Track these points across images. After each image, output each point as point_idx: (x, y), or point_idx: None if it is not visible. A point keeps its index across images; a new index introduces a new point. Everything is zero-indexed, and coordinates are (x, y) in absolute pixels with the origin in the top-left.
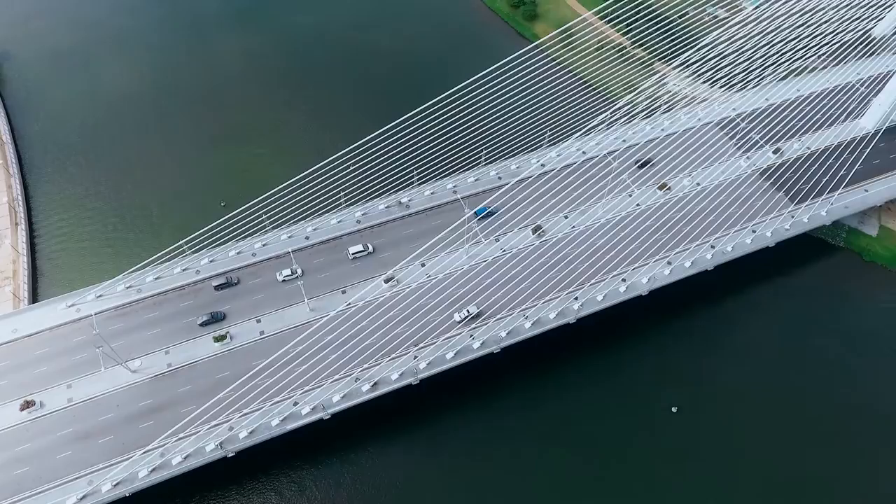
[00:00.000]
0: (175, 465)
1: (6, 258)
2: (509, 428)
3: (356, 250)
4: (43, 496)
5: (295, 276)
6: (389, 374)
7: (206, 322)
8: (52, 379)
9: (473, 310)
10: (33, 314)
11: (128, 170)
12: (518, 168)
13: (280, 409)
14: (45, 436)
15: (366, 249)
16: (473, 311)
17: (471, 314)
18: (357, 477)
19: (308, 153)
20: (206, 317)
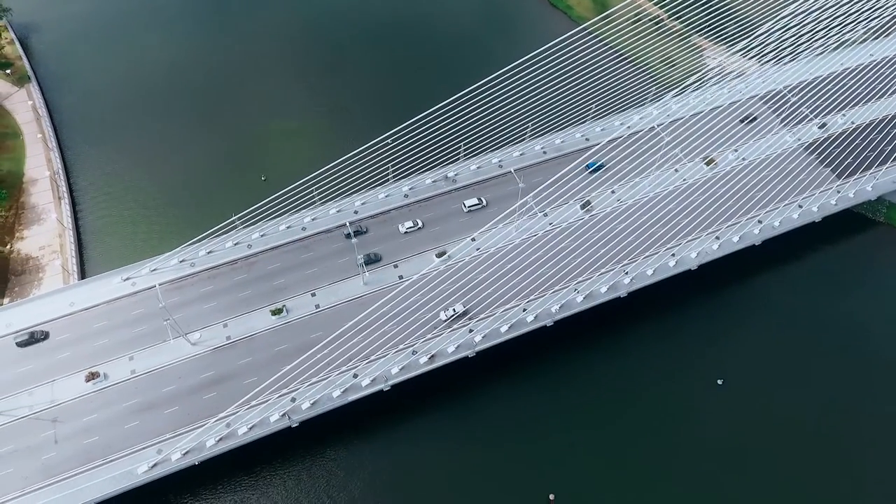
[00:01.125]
0: (241, 435)
1: (52, 232)
2: (558, 400)
3: (408, 226)
4: (113, 465)
5: (417, 227)
6: (446, 347)
7: (365, 262)
8: (113, 351)
9: (460, 308)
10: (89, 288)
11: (165, 144)
12: (562, 143)
13: (341, 380)
14: (111, 406)
15: (416, 225)
16: (460, 309)
17: (457, 313)
18: (412, 448)
19: (353, 128)
20: (364, 257)
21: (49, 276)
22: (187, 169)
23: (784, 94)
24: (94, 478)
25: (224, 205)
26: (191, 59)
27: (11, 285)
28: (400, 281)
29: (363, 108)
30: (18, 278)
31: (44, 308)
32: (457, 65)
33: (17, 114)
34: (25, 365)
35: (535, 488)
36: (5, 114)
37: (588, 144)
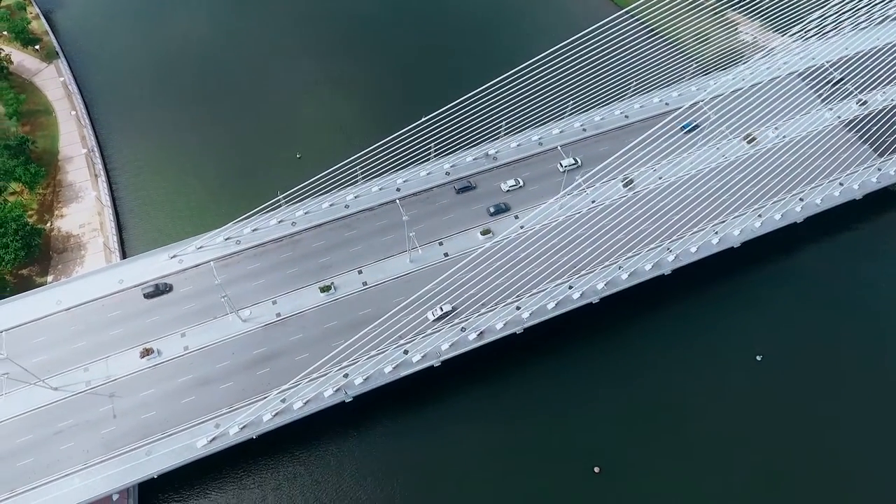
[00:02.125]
0: (296, 410)
1: (91, 210)
2: (602, 376)
3: (510, 185)
4: (172, 438)
5: (518, 186)
6: (495, 324)
7: (495, 212)
8: (165, 328)
9: (447, 307)
10: (137, 265)
11: (197, 121)
12: (602, 120)
13: (393, 356)
14: (167, 382)
15: (517, 184)
16: (447, 308)
17: (444, 312)
18: (459, 422)
19: (393, 107)
20: (494, 208)
21: (91, 253)
22: (221, 147)
23: (824, 70)
24: (155, 451)
25: (260, 182)
26: (220, 33)
27: (54, 262)
28: (445, 258)
29: (404, 85)
30: (61, 256)
31: (93, 285)
32: (497, 45)
33: (47, 90)
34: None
35: (580, 461)
36: (36, 90)
37: (628, 122)
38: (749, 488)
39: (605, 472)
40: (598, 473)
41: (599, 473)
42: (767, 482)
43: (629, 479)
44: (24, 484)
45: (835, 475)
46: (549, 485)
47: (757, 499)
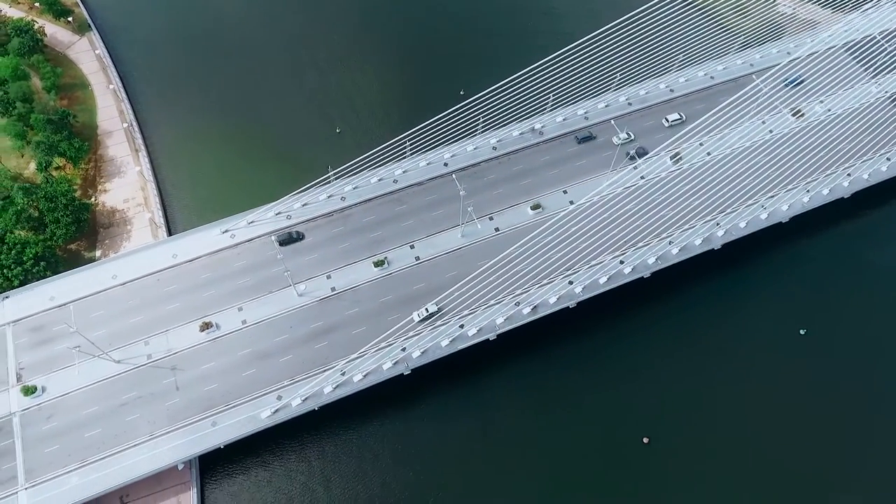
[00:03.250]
0: (356, 382)
1: (134, 185)
2: (650, 347)
3: (673, 119)
4: (236, 410)
5: (681, 120)
6: (548, 298)
7: (634, 155)
8: (222, 302)
9: (433, 308)
10: (189, 240)
11: (234, 95)
12: (647, 94)
13: (449, 330)
14: (227, 355)
15: (681, 118)
16: (432, 308)
17: (429, 312)
18: (511, 393)
19: (440, 80)
20: (634, 151)
21: (137, 228)
22: (260, 121)
23: (872, 43)
24: (219, 422)
25: (301, 157)
26: (256, 4)
27: (101, 237)
28: (496, 233)
29: (449, 60)
30: (107, 231)
31: (148, 259)
32: (544, 21)
33: (81, 63)
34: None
35: (630, 432)
36: (70, 64)
37: (672, 96)
38: (798, 458)
39: (654, 442)
40: (646, 444)
41: (648, 444)
42: (816, 451)
43: (678, 450)
44: (93, 454)
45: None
46: (598, 455)
47: (807, 468)
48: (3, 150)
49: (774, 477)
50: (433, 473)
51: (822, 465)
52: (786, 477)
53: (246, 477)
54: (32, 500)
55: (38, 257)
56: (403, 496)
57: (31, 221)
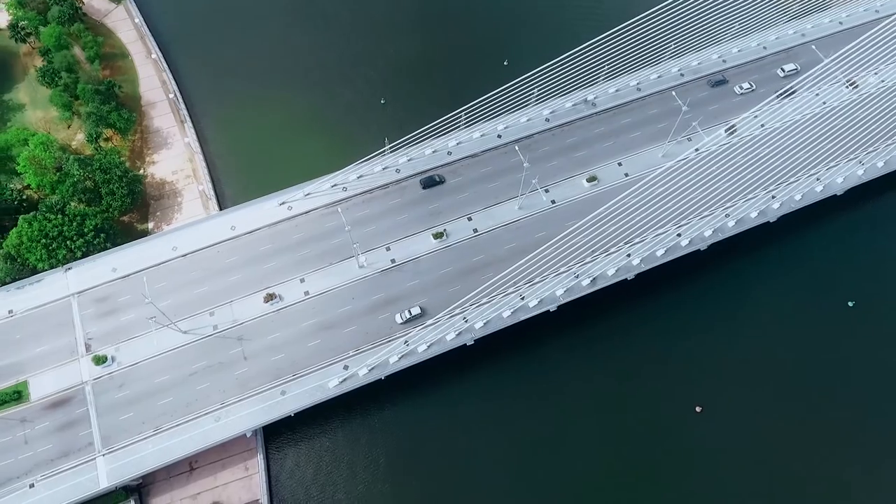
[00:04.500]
0: (421, 353)
1: (181, 157)
2: (703, 317)
3: (745, 88)
4: (303, 380)
5: (751, 89)
6: (606, 270)
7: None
8: (283, 273)
9: (416, 310)
10: (246, 211)
11: (275, 66)
12: (699, 65)
13: (510, 302)
14: (292, 326)
15: (751, 87)
16: (416, 311)
17: (412, 315)
18: (565, 362)
19: (476, 50)
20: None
21: (188, 200)
22: (304, 90)
23: None
24: (289, 391)
25: (348, 128)
26: None
27: (152, 210)
28: (553, 205)
29: (503, 31)
30: (158, 203)
31: (207, 231)
32: None
33: (119, 32)
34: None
35: (682, 400)
36: (108, 33)
37: (725, 66)
38: (853, 426)
39: (707, 411)
40: (699, 413)
41: (701, 413)
42: (868, 421)
43: (731, 419)
44: (166, 422)
45: None
46: (651, 424)
47: (864, 438)
48: (49, 122)
49: (830, 445)
50: (497, 441)
51: (880, 436)
52: (842, 444)
53: (309, 443)
54: (110, 465)
55: (98, 229)
56: (464, 465)
57: (87, 193)
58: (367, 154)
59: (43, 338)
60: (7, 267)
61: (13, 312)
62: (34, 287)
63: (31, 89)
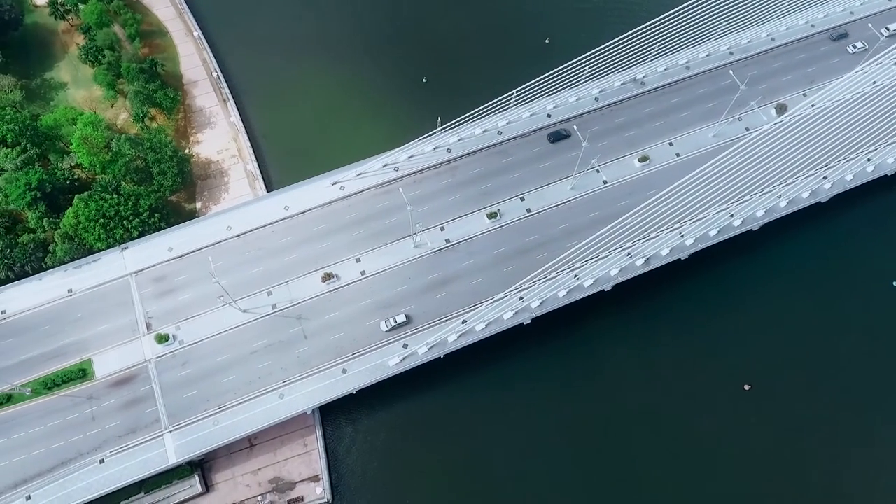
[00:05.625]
0: (478, 332)
1: (226, 136)
2: (751, 297)
3: None
4: (364, 357)
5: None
6: (659, 251)
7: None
8: (339, 253)
9: (401, 318)
10: (298, 192)
11: (318, 42)
12: (749, 43)
13: (566, 282)
14: (350, 305)
15: None
16: (401, 319)
17: (397, 322)
18: (617, 343)
19: (517, 27)
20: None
21: (234, 179)
22: (347, 69)
23: None
24: (350, 369)
25: (391, 107)
26: None
27: (199, 189)
28: (604, 185)
29: (537, 9)
30: (204, 182)
31: (260, 211)
32: None
33: (156, 9)
34: None
35: (731, 379)
36: (145, 10)
37: (773, 45)
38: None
39: (756, 389)
40: (748, 391)
41: (750, 391)
42: None
43: (780, 397)
44: (230, 399)
45: None
46: (699, 401)
47: None
48: (93, 101)
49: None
50: (552, 420)
51: None
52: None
53: (364, 419)
54: (177, 442)
55: (153, 209)
56: (519, 444)
57: (139, 173)
58: (409, 132)
59: (104, 317)
60: (66, 247)
61: (72, 292)
62: (91, 267)
63: (73, 68)
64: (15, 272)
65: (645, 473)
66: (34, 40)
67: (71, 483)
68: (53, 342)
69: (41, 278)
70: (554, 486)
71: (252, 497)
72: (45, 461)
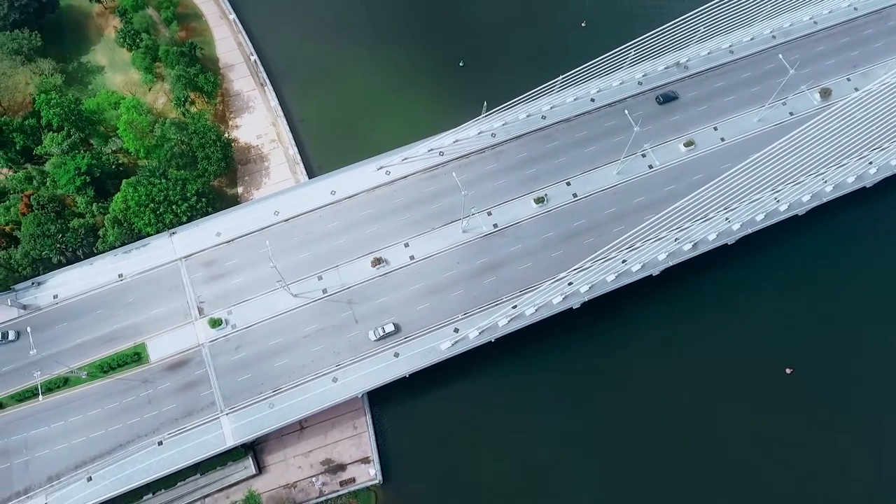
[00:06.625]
0: (528, 316)
1: (265, 120)
2: (794, 281)
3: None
4: (416, 342)
5: None
6: (707, 235)
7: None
8: (387, 238)
9: (390, 328)
10: (345, 177)
11: (352, 26)
12: (791, 27)
13: (613, 266)
14: (400, 290)
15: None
16: (389, 328)
17: (385, 332)
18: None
19: (552, 10)
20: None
21: (275, 164)
22: (383, 54)
23: None
24: (401, 353)
25: (431, 91)
26: None
27: (241, 174)
28: (650, 170)
29: None
30: (245, 167)
31: (307, 196)
32: None
33: None
34: None
35: (772, 362)
36: None
37: (816, 28)
38: None
39: (798, 373)
40: (790, 374)
41: (791, 374)
42: None
43: (823, 380)
44: (284, 382)
45: None
46: (740, 384)
47: None
48: (131, 85)
49: None
50: (595, 399)
51: None
52: None
53: (413, 402)
54: (234, 424)
55: (200, 193)
56: (569, 429)
57: (183, 158)
58: (447, 117)
59: (155, 301)
60: (116, 232)
61: (123, 276)
62: (140, 251)
63: (109, 51)
64: (67, 257)
65: (691, 452)
66: (69, 23)
67: (130, 465)
68: (107, 326)
69: (91, 263)
70: (600, 469)
71: (305, 478)
72: (104, 443)
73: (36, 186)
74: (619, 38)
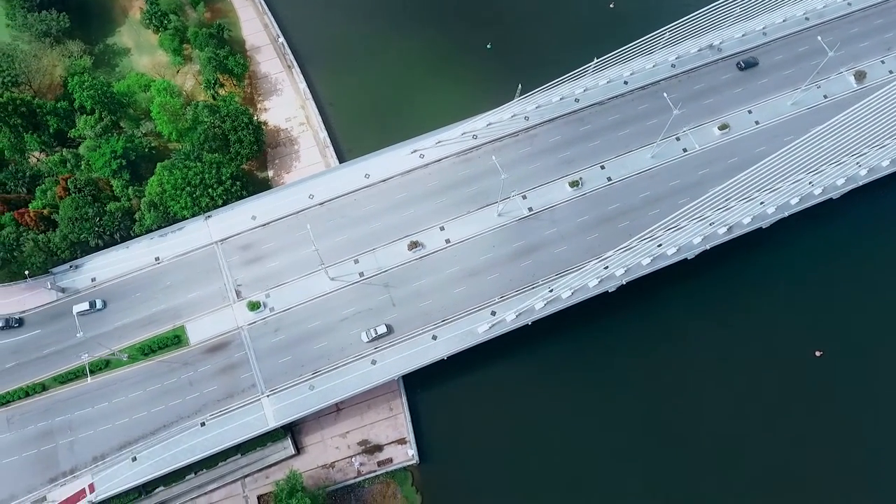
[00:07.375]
0: (564, 299)
1: (293, 103)
2: (821, 262)
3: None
4: (453, 325)
5: None
6: (742, 219)
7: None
8: (422, 221)
9: (382, 329)
10: (379, 160)
11: (378, 7)
12: (825, 8)
13: (648, 250)
14: (436, 273)
15: None
16: (382, 330)
17: (378, 333)
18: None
19: None
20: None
21: (305, 147)
22: (410, 37)
23: None
24: (439, 336)
25: (459, 74)
26: None
27: (271, 157)
28: (684, 154)
29: None
30: (275, 151)
31: (341, 180)
32: None
33: None
34: None
35: (800, 344)
36: None
37: (850, 10)
38: None
39: (828, 355)
40: (819, 357)
41: (821, 357)
42: None
43: (853, 364)
44: (323, 365)
45: None
46: (770, 368)
47: None
48: (159, 67)
49: None
50: (628, 382)
51: None
52: None
53: (448, 384)
54: (275, 406)
55: (234, 177)
56: (604, 413)
57: (216, 141)
58: (477, 100)
59: (193, 284)
60: (152, 215)
61: (160, 259)
62: (176, 235)
63: (135, 33)
64: (104, 240)
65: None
66: (94, 4)
67: (174, 445)
68: (146, 309)
69: (128, 246)
70: (632, 453)
71: (343, 458)
72: (148, 424)
73: (70, 170)
74: (648, 17)
